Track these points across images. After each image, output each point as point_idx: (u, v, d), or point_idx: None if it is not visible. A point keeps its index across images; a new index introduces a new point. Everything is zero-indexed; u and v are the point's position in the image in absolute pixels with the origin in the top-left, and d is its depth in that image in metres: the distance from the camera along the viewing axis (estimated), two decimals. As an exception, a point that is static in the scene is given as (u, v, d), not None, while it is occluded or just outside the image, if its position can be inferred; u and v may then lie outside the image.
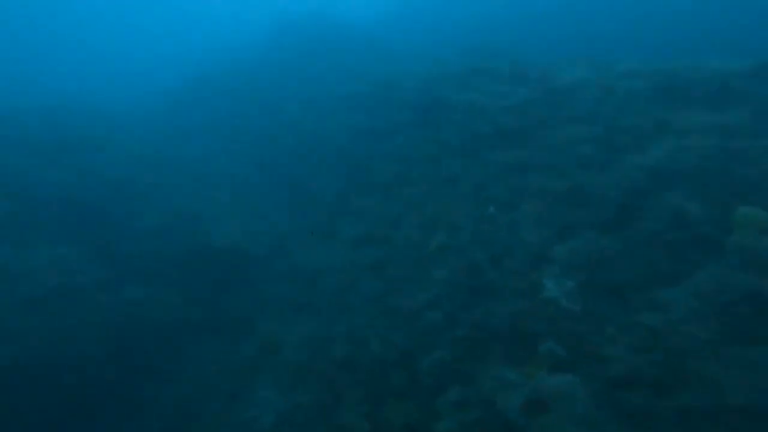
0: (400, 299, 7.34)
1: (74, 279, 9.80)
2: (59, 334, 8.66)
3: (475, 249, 7.18)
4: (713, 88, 7.96)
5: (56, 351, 8.40)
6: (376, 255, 9.54)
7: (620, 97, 8.81)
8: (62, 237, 11.40)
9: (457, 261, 7.16)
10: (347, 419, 5.79)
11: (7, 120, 15.97)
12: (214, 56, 24.03)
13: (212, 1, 53.32)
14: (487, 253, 6.87)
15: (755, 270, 4.61)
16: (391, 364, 6.14)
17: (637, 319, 4.78)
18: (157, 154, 15.33)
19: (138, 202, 12.66)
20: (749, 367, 3.92)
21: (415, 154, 10.76)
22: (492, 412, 4.64)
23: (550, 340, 4.94)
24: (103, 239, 11.72)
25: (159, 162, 14.74)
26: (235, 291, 11.57)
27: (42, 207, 12.14)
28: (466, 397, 4.96)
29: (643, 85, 8.84)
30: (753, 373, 3.86)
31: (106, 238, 11.82)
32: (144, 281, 10.84)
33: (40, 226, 11.58)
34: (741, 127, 6.88)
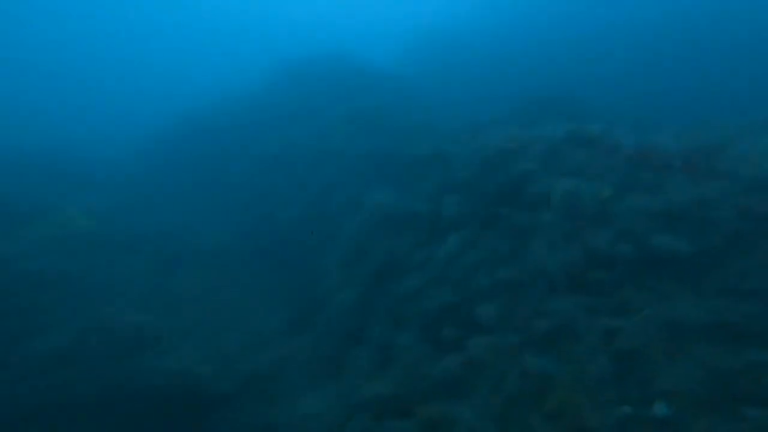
0: None
1: None
2: None
3: None
4: None
5: None
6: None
7: None
8: None
9: None
10: None
11: None
12: (204, 99, 20.65)
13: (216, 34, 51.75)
14: None
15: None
16: None
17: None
18: (102, 228, 11.27)
19: (42, 307, 8.44)
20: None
21: (478, 281, 6.38)
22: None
23: None
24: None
25: (100, 241, 10.67)
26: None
27: None
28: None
29: None
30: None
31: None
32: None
33: None
34: None
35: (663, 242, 4.97)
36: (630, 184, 5.77)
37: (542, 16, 16.42)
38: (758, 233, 4.72)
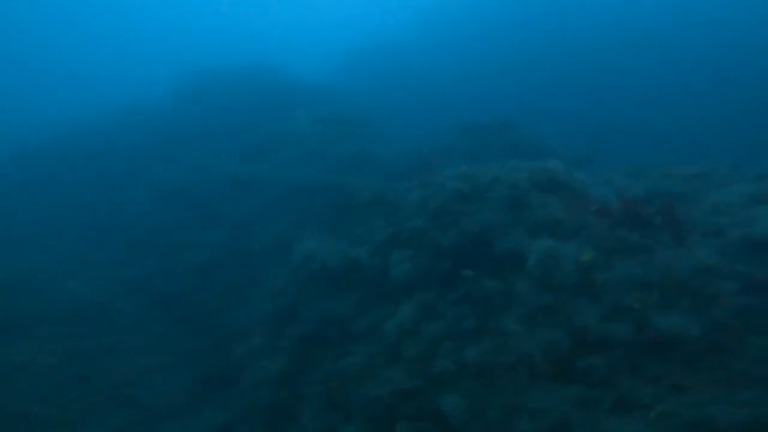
0: None
1: None
2: None
3: None
4: None
5: None
6: None
7: None
8: None
9: None
10: None
11: None
12: (92, 111, 17.10)
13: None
14: None
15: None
16: None
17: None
18: None
19: None
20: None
21: (441, 363, 5.01)
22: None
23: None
24: None
25: None
26: None
27: None
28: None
29: None
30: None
31: None
32: None
33: None
34: None
35: (668, 324, 4.07)
36: (612, 245, 4.90)
37: (481, 40, 16.32)
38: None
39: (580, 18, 15.23)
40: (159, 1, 50.20)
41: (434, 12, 19.67)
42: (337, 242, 9.29)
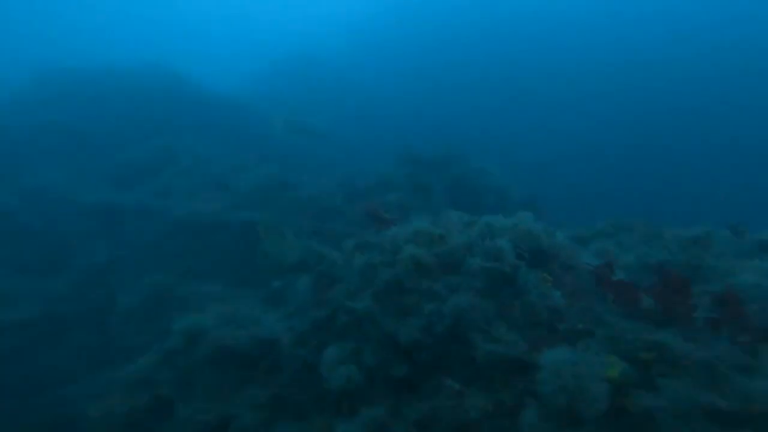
0: None
1: None
2: None
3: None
4: None
5: None
6: None
7: None
8: None
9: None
10: None
11: None
12: None
13: None
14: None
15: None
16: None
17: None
18: None
19: None
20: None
21: None
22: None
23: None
24: None
25: None
26: None
27: None
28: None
29: None
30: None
31: None
32: None
33: None
34: None
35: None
36: (646, 353, 3.48)
37: (419, 57, 15.17)
38: None
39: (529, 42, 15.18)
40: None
41: (369, 23, 18.27)
42: (241, 306, 6.85)
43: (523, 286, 3.96)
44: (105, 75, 15.87)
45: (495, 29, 16.14)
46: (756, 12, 16.11)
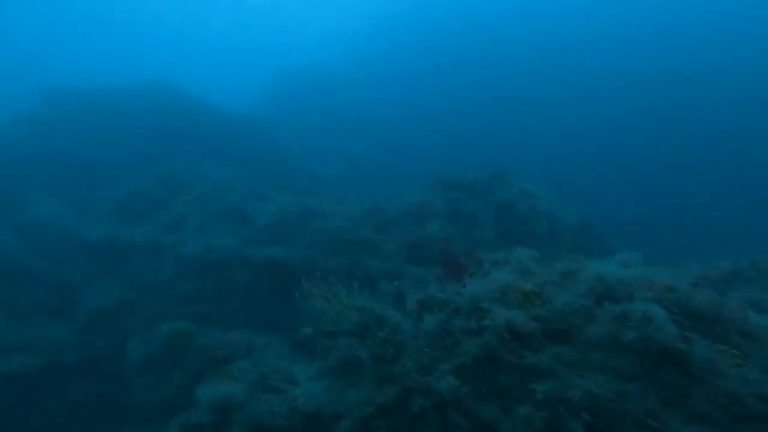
0: None
1: None
2: None
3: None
4: None
5: None
6: None
7: None
8: None
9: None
10: None
11: None
12: None
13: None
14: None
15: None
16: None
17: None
18: None
19: None
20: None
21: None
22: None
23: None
24: None
25: None
26: None
27: None
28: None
29: None
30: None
31: None
32: None
33: None
34: None
35: None
36: None
37: (438, 73, 14.43)
38: None
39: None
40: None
41: (383, 39, 17.56)
42: (271, 357, 6.03)
43: (703, 365, 3.02)
44: (106, 95, 15.13)
45: (514, 46, 15.58)
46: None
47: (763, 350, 3.18)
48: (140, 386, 7.48)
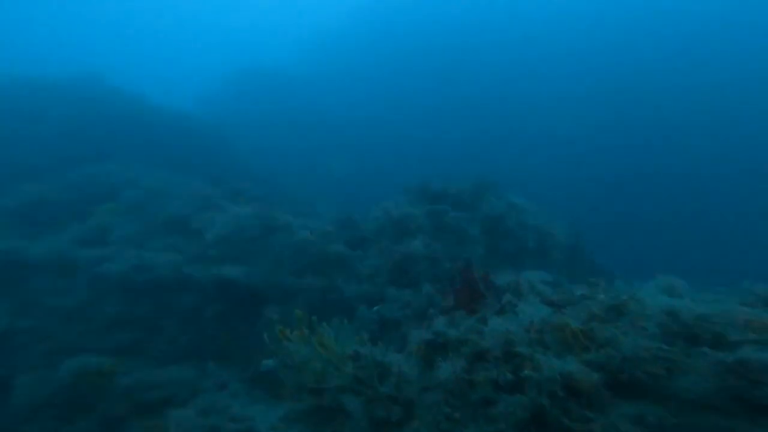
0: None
1: None
2: None
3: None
4: None
5: None
6: None
7: None
8: None
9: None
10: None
11: None
12: None
13: None
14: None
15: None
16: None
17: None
18: None
19: None
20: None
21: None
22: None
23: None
24: None
25: None
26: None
27: None
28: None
29: None
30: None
31: None
32: None
33: None
34: None
35: None
36: None
37: (399, 74, 13.64)
38: None
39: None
40: None
41: (340, 36, 16.65)
42: (235, 414, 4.84)
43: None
44: (21, 87, 12.86)
45: (494, 51, 15.47)
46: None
47: None
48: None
